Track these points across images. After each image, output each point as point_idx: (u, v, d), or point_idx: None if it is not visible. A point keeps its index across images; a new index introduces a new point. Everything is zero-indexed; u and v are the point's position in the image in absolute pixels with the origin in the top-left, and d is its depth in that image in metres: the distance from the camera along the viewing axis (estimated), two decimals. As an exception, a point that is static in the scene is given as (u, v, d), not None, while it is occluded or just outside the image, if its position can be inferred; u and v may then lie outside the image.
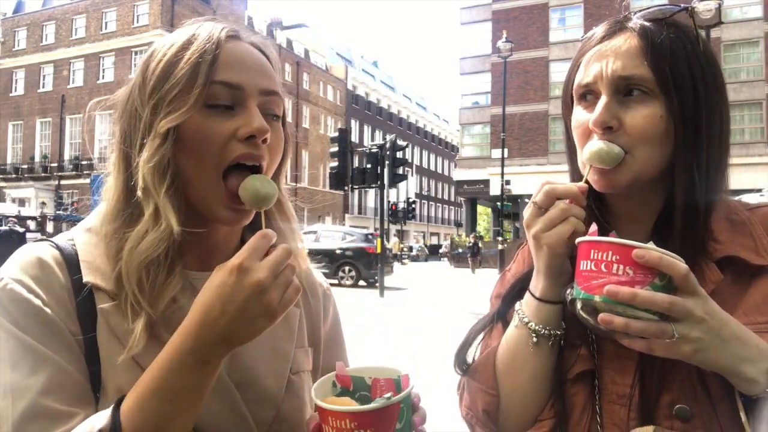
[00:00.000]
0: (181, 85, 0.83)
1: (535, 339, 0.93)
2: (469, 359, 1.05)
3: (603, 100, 0.90)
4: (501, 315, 1.05)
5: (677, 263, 0.74)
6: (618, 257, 0.75)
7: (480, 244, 31.94)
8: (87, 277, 0.82)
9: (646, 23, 0.93)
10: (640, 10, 0.96)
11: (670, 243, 0.90)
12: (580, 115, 0.96)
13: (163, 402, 0.73)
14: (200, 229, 0.87)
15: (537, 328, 0.93)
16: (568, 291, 0.83)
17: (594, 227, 0.83)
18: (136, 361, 0.80)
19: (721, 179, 0.95)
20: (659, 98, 0.89)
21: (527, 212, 0.92)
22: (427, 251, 51.95)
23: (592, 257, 0.77)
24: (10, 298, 0.79)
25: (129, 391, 0.75)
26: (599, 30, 0.97)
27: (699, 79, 0.90)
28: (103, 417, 0.72)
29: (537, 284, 0.93)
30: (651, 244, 0.75)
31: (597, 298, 0.75)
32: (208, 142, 0.84)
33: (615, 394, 0.90)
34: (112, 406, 0.74)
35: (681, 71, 0.89)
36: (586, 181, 0.93)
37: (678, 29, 0.92)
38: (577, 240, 0.82)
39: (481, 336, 1.07)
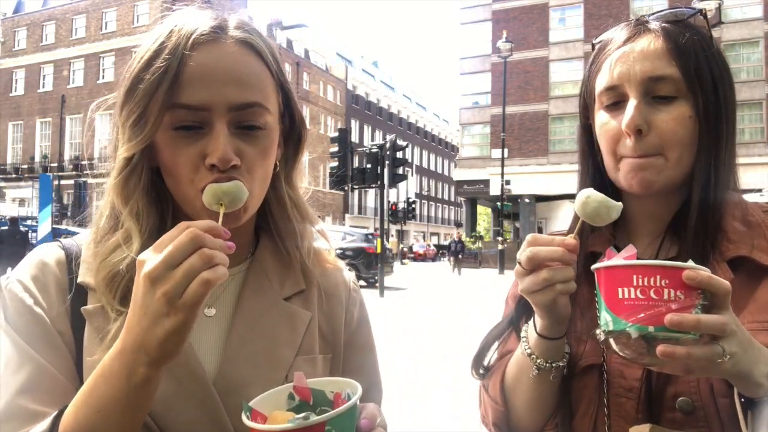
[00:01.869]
0: (140, 109, 0.79)
1: (536, 371, 0.92)
2: (486, 363, 1.06)
3: (633, 102, 0.90)
4: (514, 323, 1.04)
5: (722, 281, 0.72)
6: (667, 281, 0.70)
7: (480, 244, 31.60)
8: (82, 277, 0.84)
9: (667, 25, 0.93)
10: (654, 13, 0.97)
11: (685, 241, 0.92)
12: (607, 119, 0.95)
13: (91, 411, 0.69)
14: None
15: (539, 362, 0.92)
16: (599, 332, 0.76)
17: (625, 252, 0.78)
18: None
19: (731, 177, 0.96)
20: (687, 99, 0.90)
21: (516, 267, 0.90)
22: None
23: (636, 284, 0.70)
24: (9, 297, 0.82)
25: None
26: (620, 33, 0.96)
27: (718, 78, 0.92)
28: (44, 424, 0.72)
29: (537, 320, 0.91)
30: (691, 263, 0.71)
31: (651, 329, 0.70)
32: (179, 166, 0.80)
33: (622, 388, 0.91)
34: (55, 413, 0.72)
35: (704, 72, 0.90)
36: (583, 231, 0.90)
37: (695, 30, 0.93)
38: (600, 265, 0.76)
39: (497, 343, 1.07)
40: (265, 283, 0.93)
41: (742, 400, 0.78)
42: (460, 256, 28.06)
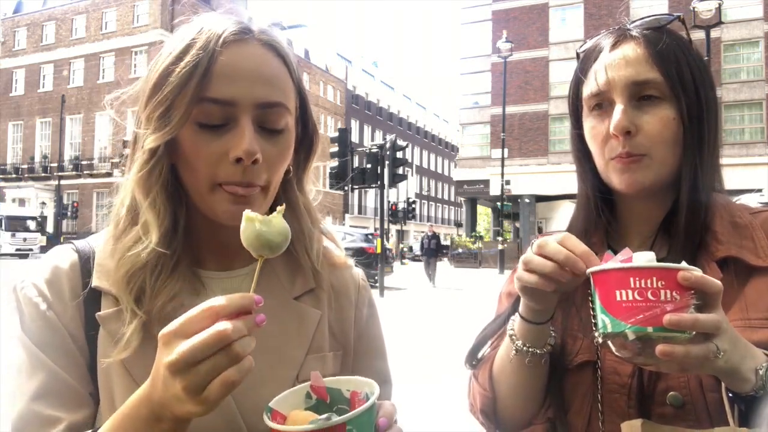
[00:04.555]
0: (169, 101, 0.80)
1: (514, 352, 0.95)
2: (479, 356, 1.09)
3: (619, 106, 0.95)
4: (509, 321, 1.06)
5: (714, 281, 0.74)
6: (663, 282, 0.71)
7: (480, 244, 30.84)
8: (96, 281, 0.84)
9: (648, 32, 0.98)
10: (635, 21, 1.01)
11: (675, 242, 0.95)
12: (596, 124, 0.99)
13: None
14: (213, 229, 0.88)
15: (518, 343, 0.94)
16: (596, 334, 0.77)
17: (621, 255, 0.77)
18: (125, 366, 0.80)
19: (716, 177, 1.00)
20: (671, 101, 0.94)
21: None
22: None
23: (633, 286, 0.72)
24: (24, 301, 0.83)
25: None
26: (604, 41, 1.01)
27: (699, 81, 0.96)
28: None
29: (523, 307, 0.94)
30: (684, 264, 0.73)
31: (650, 329, 0.71)
32: (200, 160, 0.81)
33: (616, 384, 0.93)
34: None
35: (685, 74, 0.95)
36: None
37: (675, 36, 0.98)
38: (596, 269, 0.77)
39: (491, 341, 1.08)
40: (275, 283, 0.93)
41: (730, 395, 0.81)
42: (438, 257, 21.02)
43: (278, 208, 0.75)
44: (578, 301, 0.99)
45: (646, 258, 0.75)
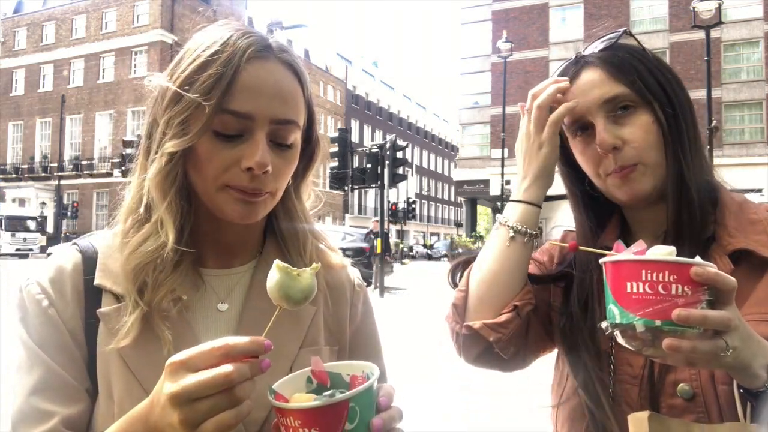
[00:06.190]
0: (191, 109, 0.84)
1: (512, 234, 1.04)
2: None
3: (599, 126, 1.00)
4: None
5: (728, 278, 0.73)
6: (675, 277, 0.71)
7: (480, 244, 30.86)
8: (98, 279, 0.88)
9: (601, 53, 1.04)
10: (588, 46, 1.08)
11: (682, 237, 0.97)
12: (584, 147, 1.04)
13: None
14: (215, 229, 0.93)
15: (515, 225, 1.04)
16: (605, 324, 0.78)
17: (635, 247, 0.78)
18: (122, 357, 0.83)
19: (703, 165, 1.03)
20: (644, 107, 0.99)
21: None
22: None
23: (645, 278, 0.72)
24: (27, 299, 0.86)
25: None
26: (566, 73, 1.08)
27: (663, 81, 1.01)
28: None
29: (527, 190, 1.06)
30: (698, 259, 0.73)
31: (658, 323, 0.71)
32: (211, 165, 0.85)
33: (628, 375, 0.96)
34: None
35: (647, 79, 1.00)
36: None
37: (627, 48, 1.04)
38: (608, 259, 0.78)
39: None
40: None
41: (741, 390, 0.81)
42: (387, 258, 16.88)
43: (313, 265, 0.78)
44: (597, 294, 1.02)
45: (665, 252, 0.75)
